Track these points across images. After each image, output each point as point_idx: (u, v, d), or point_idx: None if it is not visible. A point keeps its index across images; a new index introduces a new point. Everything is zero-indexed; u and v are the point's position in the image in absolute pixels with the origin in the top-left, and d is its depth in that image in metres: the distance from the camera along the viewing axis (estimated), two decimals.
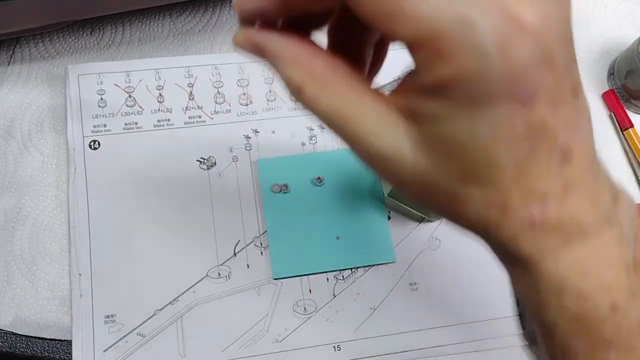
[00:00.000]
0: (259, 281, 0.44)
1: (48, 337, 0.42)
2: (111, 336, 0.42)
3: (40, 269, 0.44)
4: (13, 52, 0.49)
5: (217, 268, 0.44)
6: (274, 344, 0.43)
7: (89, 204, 0.44)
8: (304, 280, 0.44)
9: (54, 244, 0.44)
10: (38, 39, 0.49)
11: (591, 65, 0.52)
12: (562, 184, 0.21)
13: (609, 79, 0.52)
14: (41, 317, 0.43)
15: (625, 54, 0.50)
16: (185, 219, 0.45)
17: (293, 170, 0.47)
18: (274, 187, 0.46)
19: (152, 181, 0.45)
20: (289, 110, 0.48)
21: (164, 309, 0.43)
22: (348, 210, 0.44)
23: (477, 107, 0.19)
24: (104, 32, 0.50)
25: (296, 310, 0.44)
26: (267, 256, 0.45)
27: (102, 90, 0.47)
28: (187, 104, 0.48)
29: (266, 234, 0.45)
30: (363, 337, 0.43)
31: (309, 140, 0.48)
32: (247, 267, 0.44)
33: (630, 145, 0.50)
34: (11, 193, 0.45)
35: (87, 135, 0.46)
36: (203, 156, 0.46)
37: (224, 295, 0.44)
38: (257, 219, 0.45)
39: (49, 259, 0.44)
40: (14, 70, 0.48)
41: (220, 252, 0.44)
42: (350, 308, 0.44)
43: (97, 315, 0.42)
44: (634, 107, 0.51)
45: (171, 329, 0.42)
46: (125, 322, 0.42)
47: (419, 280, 0.45)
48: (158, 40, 0.50)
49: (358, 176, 0.47)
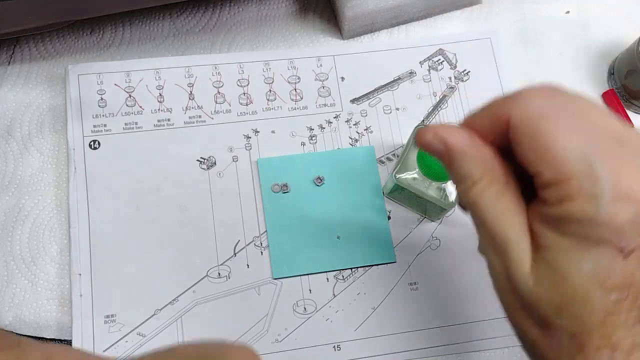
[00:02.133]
0: (259, 281, 0.44)
1: (48, 337, 0.42)
2: (111, 336, 0.42)
3: (40, 269, 0.44)
4: (13, 52, 0.49)
5: (217, 268, 0.44)
6: (274, 344, 0.43)
7: (89, 204, 0.44)
8: (304, 280, 0.44)
9: (54, 244, 0.44)
10: (38, 38, 0.49)
11: (591, 65, 0.52)
12: (631, 341, 0.24)
13: (609, 79, 0.52)
14: (41, 317, 0.43)
15: (626, 54, 0.50)
16: (185, 218, 0.45)
17: (293, 170, 0.47)
18: (274, 187, 0.46)
19: (152, 181, 0.45)
20: (289, 110, 0.48)
21: (164, 308, 0.43)
22: (348, 210, 0.44)
23: (587, 245, 0.25)
24: (104, 31, 0.50)
25: (296, 310, 0.44)
26: (267, 256, 0.45)
27: (102, 90, 0.47)
28: (187, 104, 0.48)
29: (266, 234, 0.45)
30: (363, 337, 0.43)
31: (309, 140, 0.48)
32: (247, 267, 0.44)
33: None
34: (11, 193, 0.45)
35: (87, 135, 0.46)
36: (203, 156, 0.46)
37: (224, 295, 0.44)
38: (257, 219, 0.45)
39: (49, 259, 0.44)
40: (13, 70, 0.48)
41: (220, 251, 0.44)
42: (350, 308, 0.44)
43: (97, 315, 0.42)
44: (634, 107, 0.51)
45: (171, 328, 0.42)
46: (125, 322, 0.42)
47: (419, 280, 0.45)
48: (158, 40, 0.50)
49: (358, 176, 0.47)
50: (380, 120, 0.49)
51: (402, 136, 0.48)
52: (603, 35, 0.53)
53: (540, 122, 0.26)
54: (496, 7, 0.53)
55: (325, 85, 0.49)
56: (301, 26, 0.52)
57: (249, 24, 0.51)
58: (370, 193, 0.47)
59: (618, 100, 0.51)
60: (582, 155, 0.25)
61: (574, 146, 0.25)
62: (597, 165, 0.24)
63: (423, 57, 0.51)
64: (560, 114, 0.26)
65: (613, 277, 0.25)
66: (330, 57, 0.50)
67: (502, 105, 0.27)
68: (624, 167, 0.24)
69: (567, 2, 0.54)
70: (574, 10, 0.54)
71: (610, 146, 0.25)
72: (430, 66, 0.51)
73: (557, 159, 0.25)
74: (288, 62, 0.50)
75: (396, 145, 0.48)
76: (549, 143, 0.25)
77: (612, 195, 0.24)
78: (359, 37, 0.51)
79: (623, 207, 0.24)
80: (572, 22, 0.53)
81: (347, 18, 0.49)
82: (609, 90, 0.51)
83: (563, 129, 0.25)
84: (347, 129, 0.48)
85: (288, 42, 0.51)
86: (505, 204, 0.27)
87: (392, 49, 0.51)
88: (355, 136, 0.48)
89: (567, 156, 0.25)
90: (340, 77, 0.50)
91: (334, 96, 0.49)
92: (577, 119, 0.26)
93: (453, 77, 0.50)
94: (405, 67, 0.50)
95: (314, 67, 0.50)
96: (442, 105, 0.50)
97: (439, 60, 0.51)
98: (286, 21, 0.52)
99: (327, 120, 0.48)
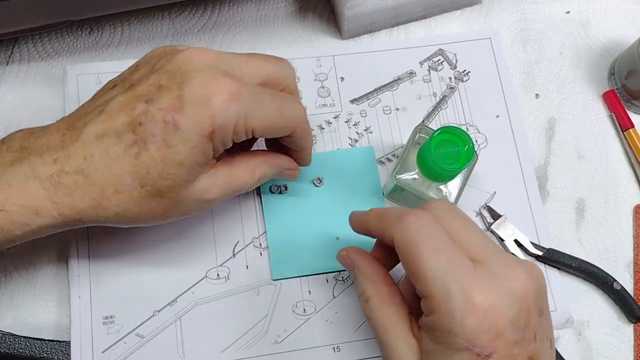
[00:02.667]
0: (258, 282, 0.44)
1: (47, 338, 0.42)
2: (110, 337, 0.42)
3: (38, 271, 0.44)
4: (11, 52, 0.49)
5: (216, 269, 0.44)
6: (273, 345, 0.43)
7: None
8: (304, 281, 0.44)
9: (52, 246, 0.44)
10: (36, 38, 0.49)
11: (591, 65, 0.52)
12: None
13: (609, 79, 0.52)
14: (40, 318, 0.43)
15: (626, 54, 0.50)
16: (184, 219, 0.45)
17: None
18: (273, 188, 0.46)
19: None
20: None
21: (163, 309, 0.43)
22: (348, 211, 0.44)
23: (451, 352, 0.30)
24: (103, 32, 0.50)
25: (295, 311, 0.44)
26: (266, 257, 0.45)
27: None
28: None
29: (265, 235, 0.45)
30: (363, 339, 0.43)
31: None
32: (247, 267, 0.44)
33: (631, 146, 0.50)
34: None
35: None
36: None
37: (223, 296, 0.43)
38: (256, 220, 0.45)
39: (48, 261, 0.44)
40: (12, 70, 0.48)
41: (219, 252, 0.44)
42: (350, 309, 0.44)
43: (96, 316, 0.42)
44: (635, 107, 0.51)
45: (170, 329, 0.42)
46: (124, 323, 0.42)
47: None
48: (157, 40, 0.50)
49: (358, 177, 0.47)
50: (380, 121, 0.49)
51: (402, 137, 0.48)
52: (603, 35, 0.53)
53: (413, 247, 0.31)
54: (496, 7, 0.53)
55: (324, 85, 0.49)
56: (300, 26, 0.52)
57: (248, 24, 0.51)
58: (369, 194, 0.46)
59: (618, 100, 0.51)
60: (440, 277, 0.30)
61: (435, 269, 0.30)
62: (451, 286, 0.30)
63: (423, 57, 0.51)
64: (430, 240, 0.31)
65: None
66: (330, 57, 0.50)
67: (392, 227, 0.33)
68: (476, 286, 0.30)
69: (567, 2, 0.54)
70: (574, 10, 0.54)
71: (467, 269, 0.30)
72: (430, 66, 0.50)
73: (423, 279, 0.31)
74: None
75: (396, 145, 0.48)
76: (417, 265, 0.31)
77: (462, 310, 0.29)
78: (359, 37, 0.51)
79: (472, 320, 0.29)
80: (572, 22, 0.53)
81: (346, 18, 0.49)
82: (609, 91, 0.51)
83: (428, 254, 0.31)
84: (346, 129, 0.48)
85: (287, 42, 0.51)
86: (391, 318, 0.33)
87: (391, 49, 0.51)
88: (354, 137, 0.48)
89: (429, 277, 0.30)
90: (339, 77, 0.49)
91: (333, 96, 0.49)
92: (442, 245, 0.31)
93: (453, 77, 0.50)
94: (405, 67, 0.50)
95: (313, 67, 0.49)
96: (442, 105, 0.49)
97: (439, 60, 0.51)
98: (285, 21, 0.52)
99: (327, 121, 0.48)
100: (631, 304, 0.45)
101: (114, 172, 0.33)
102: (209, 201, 0.37)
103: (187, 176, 0.34)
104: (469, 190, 0.46)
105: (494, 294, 0.30)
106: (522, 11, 0.53)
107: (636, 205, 0.49)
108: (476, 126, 0.49)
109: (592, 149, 0.50)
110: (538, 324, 0.31)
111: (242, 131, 0.35)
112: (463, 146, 0.40)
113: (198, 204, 0.37)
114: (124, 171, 0.33)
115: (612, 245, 0.48)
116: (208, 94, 0.33)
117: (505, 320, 0.29)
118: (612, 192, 0.49)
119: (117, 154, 0.33)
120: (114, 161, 0.33)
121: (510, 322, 0.30)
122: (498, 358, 0.29)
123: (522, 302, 0.30)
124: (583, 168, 0.49)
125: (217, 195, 0.37)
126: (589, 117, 0.51)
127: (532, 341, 0.30)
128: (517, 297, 0.30)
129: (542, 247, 0.46)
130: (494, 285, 0.30)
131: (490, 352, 0.29)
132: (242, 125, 0.34)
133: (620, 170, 0.50)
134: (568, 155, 0.50)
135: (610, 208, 0.49)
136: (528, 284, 0.31)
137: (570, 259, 0.46)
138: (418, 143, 0.43)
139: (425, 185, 0.43)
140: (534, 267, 0.32)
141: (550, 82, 0.51)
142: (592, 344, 0.45)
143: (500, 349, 0.29)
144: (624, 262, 0.47)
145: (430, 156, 0.39)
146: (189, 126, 0.33)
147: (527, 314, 0.30)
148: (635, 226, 0.48)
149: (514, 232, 0.46)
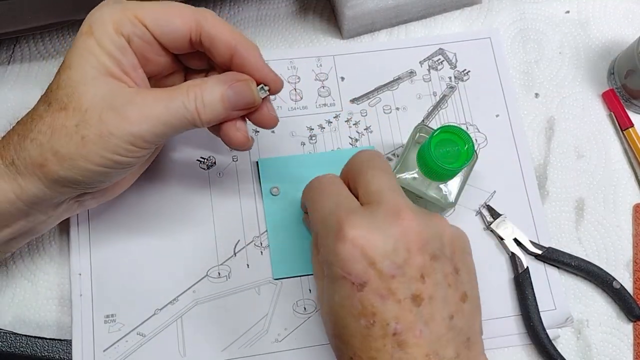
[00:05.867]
0: (259, 281, 0.44)
1: (48, 336, 0.42)
2: (111, 336, 0.42)
3: (39, 269, 0.44)
4: (13, 52, 0.49)
5: (217, 268, 0.44)
6: (273, 344, 0.43)
7: None
8: (304, 280, 0.44)
9: (53, 243, 0.44)
10: (38, 38, 0.49)
11: (591, 65, 0.52)
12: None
13: (609, 78, 0.52)
14: (41, 316, 0.43)
15: (626, 54, 0.50)
16: (185, 218, 0.45)
17: (293, 170, 0.46)
18: (273, 189, 0.46)
19: (151, 181, 0.45)
20: (289, 110, 0.48)
21: (164, 308, 0.43)
22: None
23: (332, 281, 0.32)
24: None
25: (296, 310, 0.44)
26: (267, 256, 0.45)
27: None
28: None
29: (266, 234, 0.45)
30: None
31: (309, 140, 0.48)
32: (247, 266, 0.44)
33: (631, 145, 0.50)
34: None
35: None
36: (203, 156, 0.46)
37: (224, 295, 0.44)
38: (257, 219, 0.45)
39: (49, 259, 0.44)
40: (13, 70, 0.48)
41: (220, 251, 0.44)
42: None
43: (97, 315, 0.42)
44: (634, 106, 0.51)
45: (171, 328, 0.42)
46: (125, 322, 0.42)
47: None
48: None
49: None
50: (380, 120, 0.49)
51: (402, 136, 0.48)
52: (603, 35, 0.53)
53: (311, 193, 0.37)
54: (496, 7, 0.53)
55: (325, 85, 0.49)
56: (301, 26, 0.52)
57: (249, 23, 0.51)
58: None
59: (618, 100, 0.51)
60: (324, 216, 0.34)
61: (322, 210, 0.34)
62: (329, 221, 0.33)
63: (423, 57, 0.51)
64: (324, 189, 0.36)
65: (355, 305, 0.31)
66: (330, 57, 0.50)
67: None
68: (350, 220, 0.32)
69: (567, 2, 0.54)
70: (574, 10, 0.54)
71: (349, 209, 0.33)
72: (430, 66, 0.51)
73: (314, 221, 0.35)
74: (288, 62, 0.50)
75: (396, 145, 0.48)
76: (310, 208, 0.36)
77: (335, 240, 0.31)
78: (359, 36, 0.51)
79: (343, 248, 0.31)
80: (571, 21, 0.54)
81: (347, 18, 0.49)
82: (609, 90, 0.51)
83: (320, 200, 0.35)
84: (347, 128, 0.48)
85: (288, 41, 0.51)
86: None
87: (392, 48, 0.51)
88: (355, 136, 0.48)
89: (318, 217, 0.34)
90: (340, 77, 0.50)
91: (333, 96, 0.49)
92: (334, 192, 0.35)
93: (453, 76, 0.50)
94: (405, 66, 0.50)
95: (313, 67, 0.50)
96: (442, 104, 0.50)
97: (439, 60, 0.51)
98: (286, 21, 0.52)
99: (327, 120, 0.48)
100: (630, 303, 0.45)
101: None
102: (131, 123, 0.33)
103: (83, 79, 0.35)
104: (469, 190, 0.46)
105: (364, 227, 0.31)
106: (521, 11, 0.53)
107: (635, 204, 0.49)
108: (476, 125, 0.49)
109: (592, 148, 0.50)
110: (429, 267, 0.31)
111: (128, 23, 0.34)
112: (463, 145, 0.40)
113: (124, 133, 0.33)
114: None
115: (612, 244, 0.48)
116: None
117: (377, 252, 0.31)
118: (612, 192, 0.49)
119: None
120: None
121: (383, 254, 0.31)
122: (373, 289, 0.30)
123: (400, 241, 0.31)
124: (582, 167, 0.50)
125: (137, 117, 0.33)
126: (589, 116, 0.51)
127: (416, 280, 0.31)
128: (393, 234, 0.31)
129: (541, 246, 0.46)
130: (369, 221, 0.32)
131: (364, 281, 0.31)
132: (128, 17, 0.34)
133: (620, 170, 0.50)
134: (567, 154, 0.50)
135: (610, 207, 0.49)
136: (412, 225, 0.32)
137: (569, 257, 0.46)
138: (418, 142, 0.43)
139: (425, 185, 0.43)
140: (436, 217, 0.34)
141: (549, 82, 0.52)
142: (592, 342, 0.45)
143: (374, 280, 0.31)
144: (623, 261, 0.47)
145: (430, 155, 0.39)
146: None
147: (407, 253, 0.31)
148: (635, 225, 0.48)
149: (514, 231, 0.46)
